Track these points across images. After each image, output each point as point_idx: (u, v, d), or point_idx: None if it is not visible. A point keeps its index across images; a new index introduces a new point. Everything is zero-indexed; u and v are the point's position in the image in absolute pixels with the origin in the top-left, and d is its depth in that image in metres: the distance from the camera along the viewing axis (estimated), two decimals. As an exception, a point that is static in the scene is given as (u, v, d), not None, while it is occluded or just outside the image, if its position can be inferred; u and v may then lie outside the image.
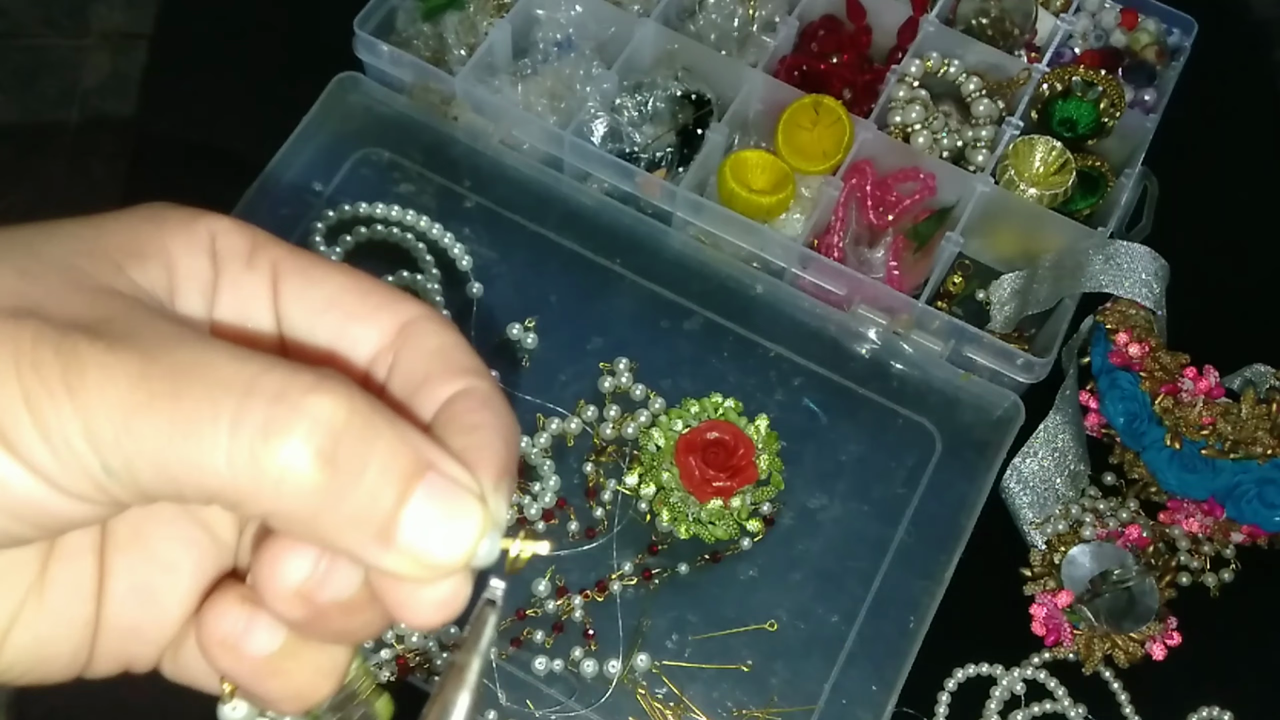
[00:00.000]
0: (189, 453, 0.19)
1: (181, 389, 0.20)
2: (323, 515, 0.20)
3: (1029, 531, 0.65)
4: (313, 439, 0.20)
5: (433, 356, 0.24)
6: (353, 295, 0.24)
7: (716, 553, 0.63)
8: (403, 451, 0.21)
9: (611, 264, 0.71)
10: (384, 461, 0.20)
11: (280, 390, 0.20)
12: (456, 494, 0.21)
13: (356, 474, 0.20)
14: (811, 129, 0.71)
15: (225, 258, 0.24)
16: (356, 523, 0.20)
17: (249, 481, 0.20)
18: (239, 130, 0.76)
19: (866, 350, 0.69)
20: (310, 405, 0.20)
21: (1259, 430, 0.64)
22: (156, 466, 0.20)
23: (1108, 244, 0.67)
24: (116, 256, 0.22)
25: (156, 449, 0.20)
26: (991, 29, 0.77)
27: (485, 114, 0.72)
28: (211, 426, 0.19)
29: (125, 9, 1.59)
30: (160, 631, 0.25)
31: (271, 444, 0.19)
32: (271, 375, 0.20)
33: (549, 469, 0.63)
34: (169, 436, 0.19)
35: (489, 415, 0.23)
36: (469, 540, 0.21)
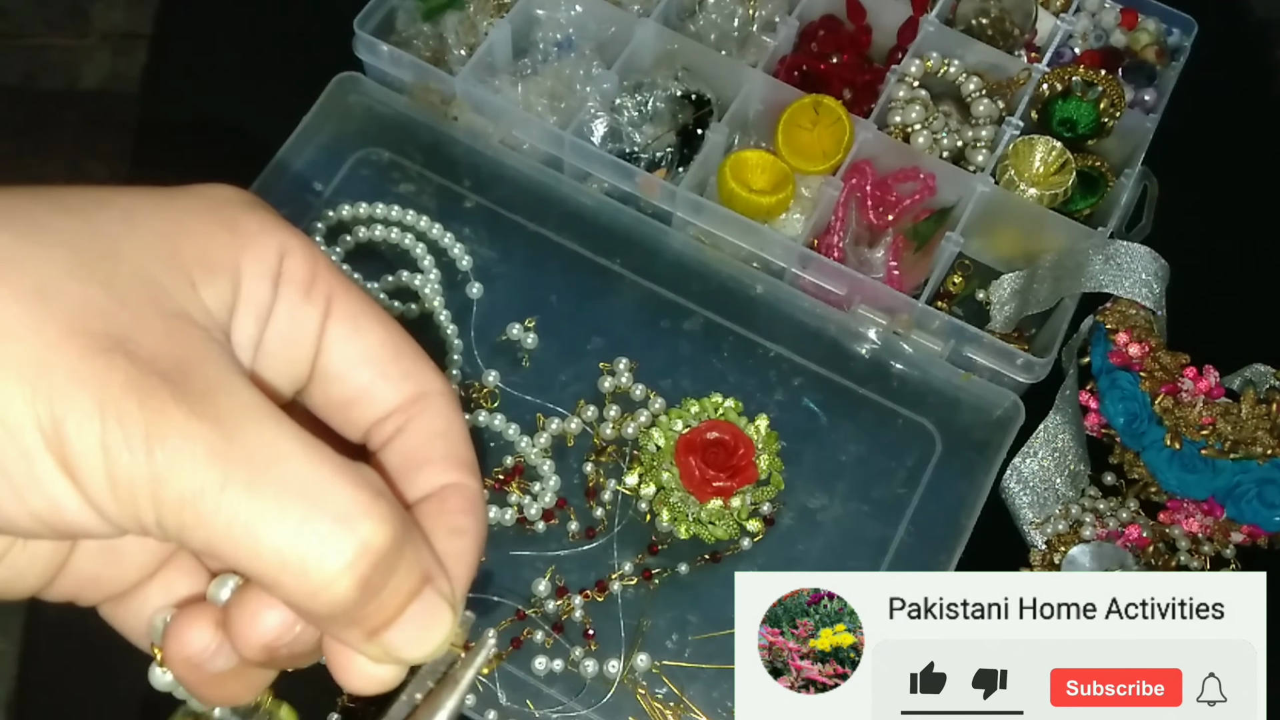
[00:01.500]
0: (244, 541, 0.21)
1: (256, 482, 0.21)
2: (339, 617, 0.22)
3: (1029, 531, 0.65)
4: (358, 566, 0.21)
5: (437, 440, 0.26)
6: (388, 354, 0.26)
7: (716, 553, 0.63)
8: (415, 572, 0.23)
9: (611, 264, 0.71)
10: (399, 581, 0.22)
11: (343, 511, 0.21)
12: (439, 610, 0.23)
13: (377, 593, 0.22)
14: (811, 129, 0.71)
15: (287, 283, 0.25)
16: (360, 624, 0.22)
17: (290, 580, 0.21)
18: (238, 130, 0.76)
19: (866, 350, 0.69)
20: (366, 532, 0.21)
21: (1259, 430, 0.64)
22: (208, 539, 0.21)
23: (1108, 244, 0.67)
24: (192, 269, 0.23)
25: (215, 528, 0.21)
26: (991, 29, 0.77)
27: (485, 114, 0.72)
28: (275, 528, 0.21)
29: (125, 9, 1.59)
30: (114, 585, 0.27)
31: (324, 561, 0.21)
32: (336, 489, 0.21)
33: (549, 469, 0.63)
34: (230, 523, 0.21)
35: (473, 522, 0.25)
36: (435, 645, 0.23)
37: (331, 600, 0.21)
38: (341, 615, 0.22)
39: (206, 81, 0.79)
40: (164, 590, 0.27)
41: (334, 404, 0.26)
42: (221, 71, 0.79)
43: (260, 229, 0.25)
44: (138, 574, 0.27)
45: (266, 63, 0.79)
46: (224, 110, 0.77)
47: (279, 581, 0.21)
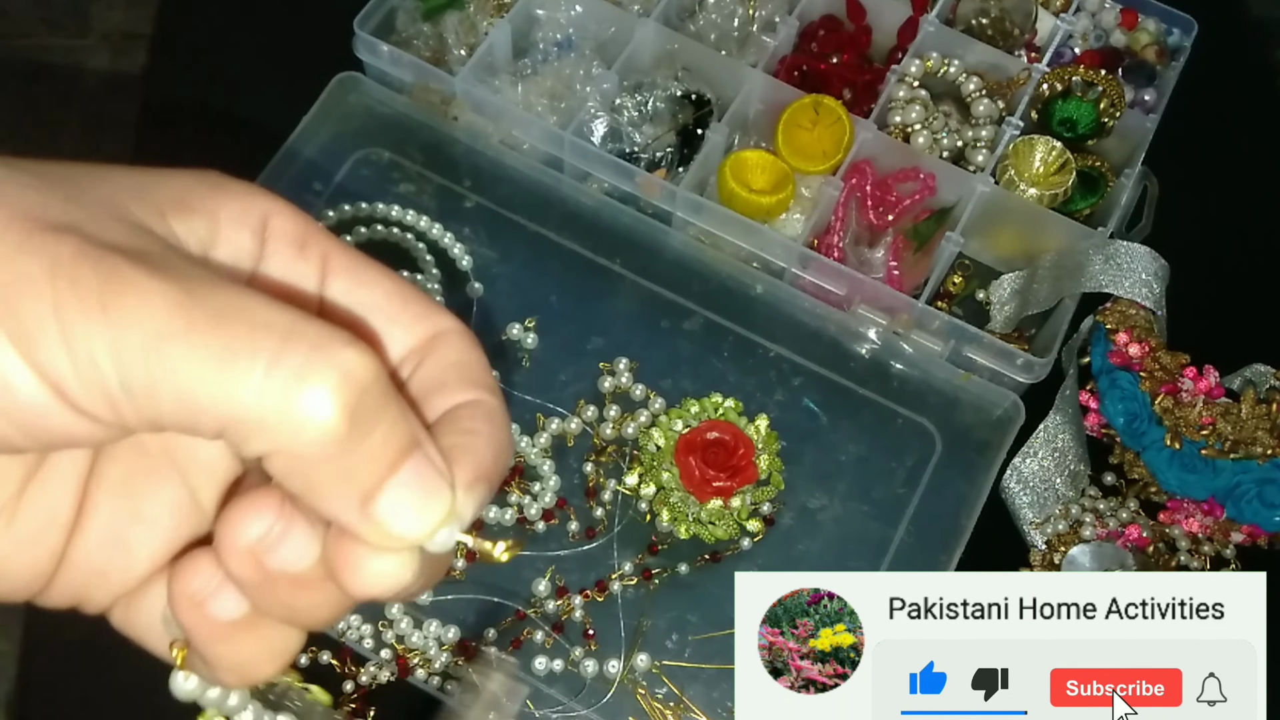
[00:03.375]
0: (220, 382, 0.20)
1: (223, 322, 0.20)
2: (325, 465, 0.21)
3: (1029, 531, 0.65)
4: (342, 391, 0.20)
5: (452, 367, 0.25)
6: (398, 301, 0.25)
7: (716, 553, 0.63)
8: (403, 426, 0.22)
9: (611, 264, 0.71)
10: (388, 430, 0.21)
11: (319, 340, 0.20)
12: (433, 478, 0.22)
13: (366, 434, 0.21)
14: (811, 129, 0.71)
15: (277, 240, 0.25)
16: (348, 481, 0.21)
17: (274, 418, 0.20)
18: (239, 130, 0.76)
19: (866, 350, 0.69)
20: (346, 359, 0.20)
21: (1259, 430, 0.64)
22: (180, 391, 0.20)
23: (1108, 244, 0.67)
24: (163, 206, 0.23)
25: (185, 374, 0.20)
26: (991, 29, 0.77)
27: (485, 114, 0.72)
28: (249, 361, 0.20)
29: (125, 9, 1.59)
30: (122, 581, 0.26)
31: (306, 386, 0.20)
32: (311, 324, 0.21)
33: (549, 469, 0.63)
34: (202, 363, 0.20)
35: (486, 426, 0.24)
36: (431, 523, 0.22)
37: (320, 432, 0.20)
38: (331, 461, 0.21)
39: (206, 82, 0.79)
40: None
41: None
42: (221, 72, 0.79)
43: (246, 190, 0.25)
44: (146, 564, 0.26)
45: (266, 63, 0.79)
46: (224, 110, 0.77)
47: (262, 423, 0.20)
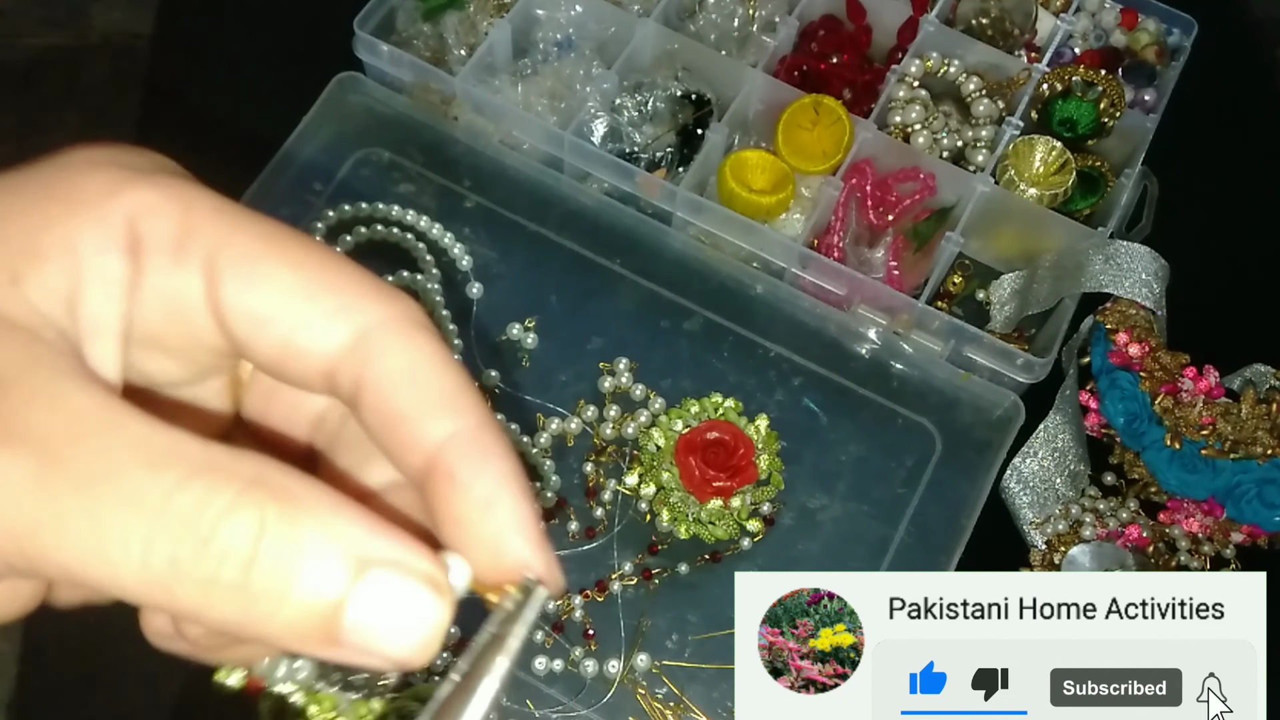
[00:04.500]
0: (99, 571, 0.18)
1: (88, 506, 0.18)
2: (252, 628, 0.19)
3: (1029, 531, 0.65)
4: (224, 568, 0.18)
5: (403, 385, 0.21)
6: (300, 299, 0.21)
7: (716, 553, 0.63)
8: (333, 556, 0.19)
9: (611, 264, 0.71)
10: (312, 572, 0.19)
11: (193, 516, 0.18)
12: (405, 586, 0.19)
13: (281, 592, 0.19)
14: (811, 129, 0.71)
15: (149, 248, 0.21)
16: (294, 633, 0.19)
17: (166, 604, 0.19)
18: (238, 130, 0.76)
19: (866, 350, 0.69)
20: (221, 534, 0.18)
21: (1259, 430, 0.64)
22: (63, 572, 0.19)
23: (1108, 244, 0.67)
24: (13, 260, 0.20)
25: (63, 561, 0.18)
26: (991, 29, 0.77)
27: (485, 114, 0.72)
28: (122, 551, 0.18)
29: (125, 9, 1.59)
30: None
31: (182, 575, 0.18)
32: (185, 494, 0.18)
33: (549, 469, 0.63)
34: (76, 552, 0.18)
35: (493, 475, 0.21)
36: (429, 631, 0.19)
37: (223, 615, 0.19)
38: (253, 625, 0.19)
39: (206, 82, 0.79)
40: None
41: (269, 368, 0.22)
42: (221, 72, 0.79)
43: (104, 192, 0.21)
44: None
45: (266, 63, 0.79)
46: (224, 110, 0.77)
47: (160, 608, 0.19)
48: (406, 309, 0.22)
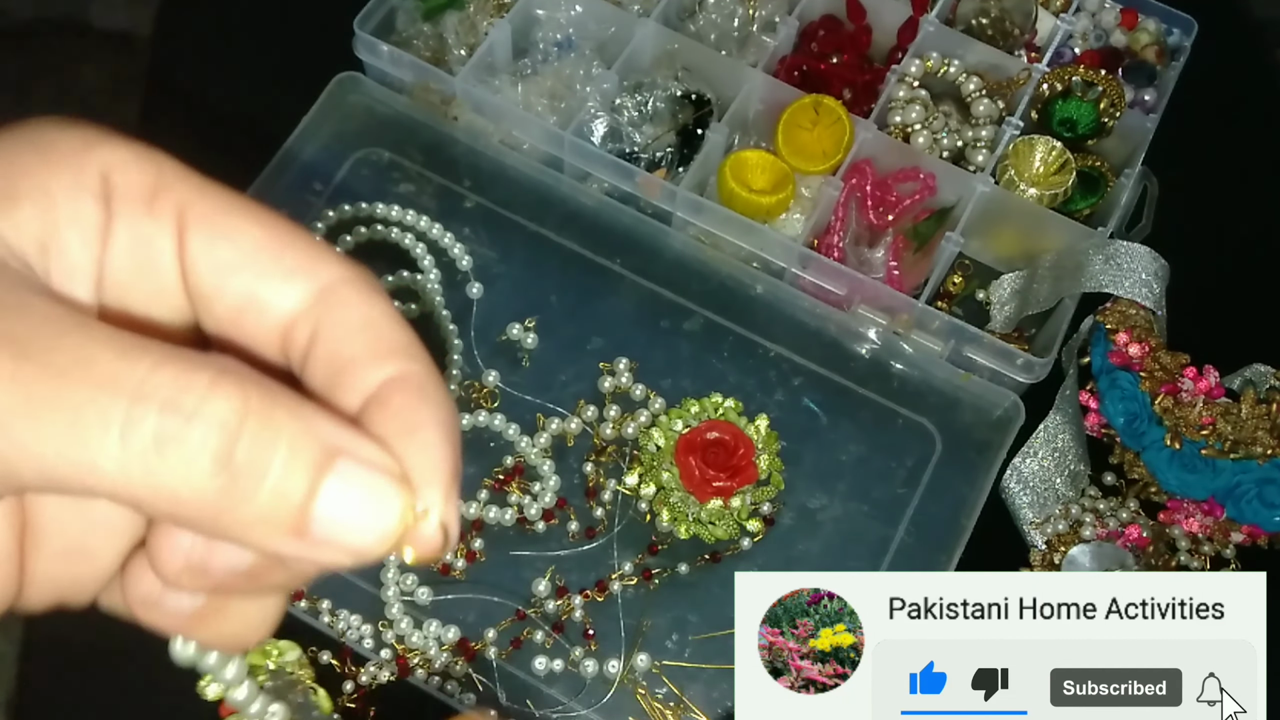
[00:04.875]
0: (76, 459, 0.18)
1: (63, 391, 0.18)
2: (226, 517, 0.19)
3: (1029, 531, 0.65)
4: (208, 446, 0.18)
5: (356, 332, 0.22)
6: (266, 254, 0.22)
7: (716, 553, 0.63)
8: (307, 443, 0.19)
9: (611, 264, 0.71)
10: (288, 457, 0.19)
11: (172, 394, 0.18)
12: (371, 478, 0.20)
13: (259, 475, 0.19)
14: (811, 129, 0.71)
15: (122, 197, 0.22)
16: (265, 521, 0.19)
17: (144, 489, 0.18)
18: (238, 130, 0.76)
19: (866, 350, 0.69)
20: (205, 410, 0.18)
21: (1259, 430, 0.64)
22: (39, 469, 0.18)
23: (1108, 244, 0.67)
24: None
25: (38, 451, 0.18)
26: (991, 29, 0.77)
27: (485, 114, 0.72)
28: (100, 434, 0.18)
29: (125, 9, 1.59)
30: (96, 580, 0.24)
31: (166, 454, 0.18)
32: (162, 375, 0.19)
33: (549, 469, 0.63)
34: (52, 442, 0.18)
35: (426, 410, 0.21)
36: (390, 524, 0.20)
37: (197, 494, 0.18)
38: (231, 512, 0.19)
39: (206, 82, 0.79)
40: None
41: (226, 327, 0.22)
42: (221, 72, 0.79)
43: (78, 147, 0.21)
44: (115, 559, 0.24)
45: (266, 63, 0.79)
46: (224, 110, 0.77)
47: (135, 495, 0.19)
48: (363, 271, 0.22)
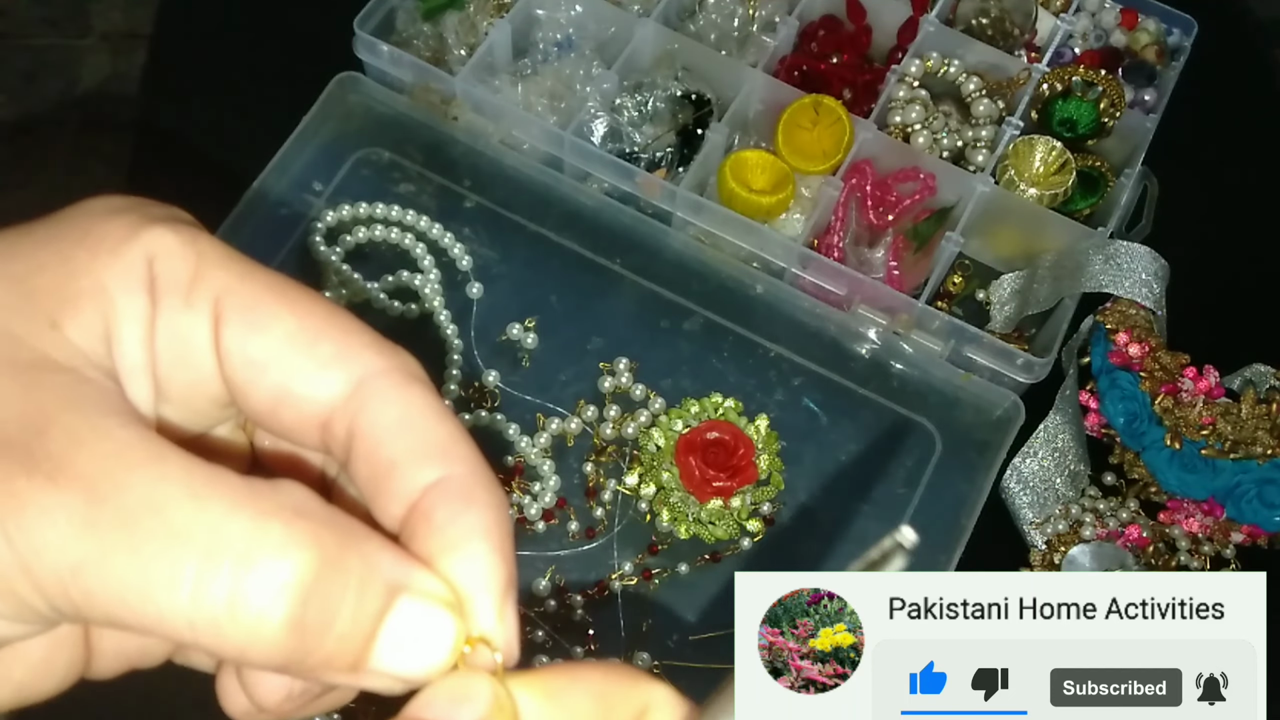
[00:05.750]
0: (148, 611, 0.18)
1: (135, 538, 0.18)
2: (291, 665, 0.19)
3: (1029, 531, 0.65)
4: (280, 608, 0.18)
5: (396, 432, 0.21)
6: (300, 346, 0.22)
7: (716, 553, 0.63)
8: (373, 588, 0.19)
9: (611, 264, 0.71)
10: (355, 606, 0.19)
11: (245, 550, 0.18)
12: (427, 614, 0.20)
13: (327, 628, 0.19)
14: (811, 129, 0.71)
15: (163, 289, 0.21)
16: (327, 665, 0.19)
17: (212, 641, 0.19)
18: (239, 130, 0.76)
19: (866, 350, 0.69)
20: (278, 569, 0.18)
21: (1259, 430, 0.64)
22: (106, 616, 0.19)
23: (1108, 244, 0.67)
24: (50, 306, 0.21)
25: (110, 603, 0.18)
26: (991, 29, 0.77)
27: (485, 114, 0.72)
28: (168, 592, 0.18)
29: (125, 9, 1.59)
30: (163, 649, 0.25)
31: (237, 615, 0.18)
32: (234, 525, 0.18)
33: (549, 469, 0.63)
34: (123, 593, 0.18)
35: (472, 518, 0.21)
36: (442, 656, 0.20)
37: (269, 652, 0.18)
38: (296, 662, 0.19)
39: (206, 81, 0.79)
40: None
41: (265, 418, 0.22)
42: (221, 71, 0.79)
43: (123, 236, 0.21)
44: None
45: (267, 63, 0.79)
46: (224, 110, 0.77)
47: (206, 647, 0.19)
48: (403, 361, 0.22)
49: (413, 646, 0.20)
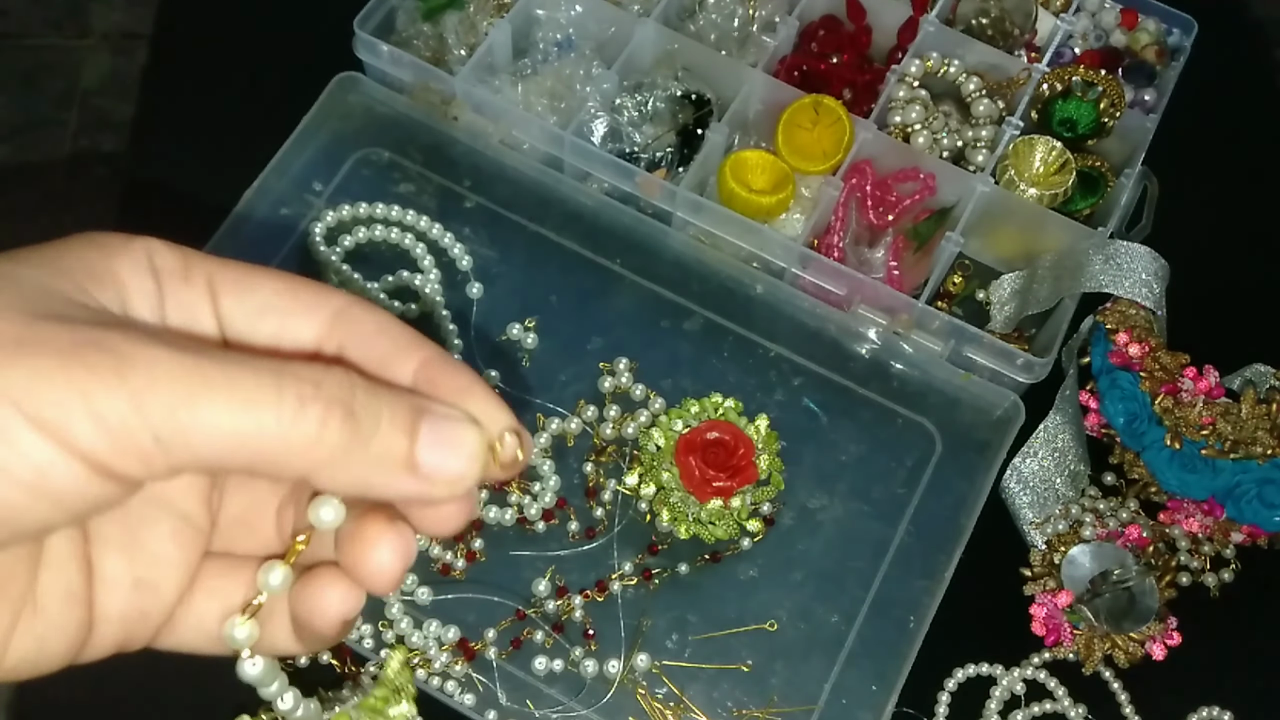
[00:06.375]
0: (247, 424, 0.23)
1: (232, 376, 0.23)
2: (355, 459, 0.24)
3: (1029, 531, 0.65)
4: (336, 403, 0.24)
5: (376, 338, 0.27)
6: (285, 296, 0.27)
7: (716, 553, 0.63)
8: (402, 404, 0.25)
9: (611, 264, 0.71)
10: (391, 413, 0.25)
11: (303, 372, 0.24)
12: (453, 424, 0.26)
13: (373, 424, 0.25)
14: (811, 129, 0.71)
15: (163, 274, 0.27)
16: (385, 459, 0.25)
17: (298, 442, 0.24)
18: (239, 130, 0.76)
19: (866, 350, 0.69)
20: (329, 380, 0.24)
21: (1259, 430, 0.64)
22: (213, 437, 0.23)
23: (1108, 244, 0.67)
24: (79, 279, 0.25)
25: (215, 422, 0.23)
26: (991, 29, 0.77)
27: (485, 114, 0.72)
28: (262, 402, 0.23)
29: (125, 9, 1.59)
30: (160, 613, 0.28)
31: (308, 410, 0.24)
32: (294, 364, 0.24)
33: (549, 469, 0.63)
34: (228, 411, 0.23)
35: (463, 376, 0.27)
36: (475, 455, 0.26)
37: (333, 439, 0.24)
38: (358, 454, 0.24)
39: (206, 82, 0.79)
40: (211, 597, 0.29)
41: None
42: (221, 72, 0.79)
43: (124, 240, 0.27)
44: (174, 594, 0.28)
45: (266, 63, 0.79)
46: (224, 110, 0.77)
47: (289, 449, 0.23)
48: (359, 297, 0.29)
49: (448, 446, 0.25)
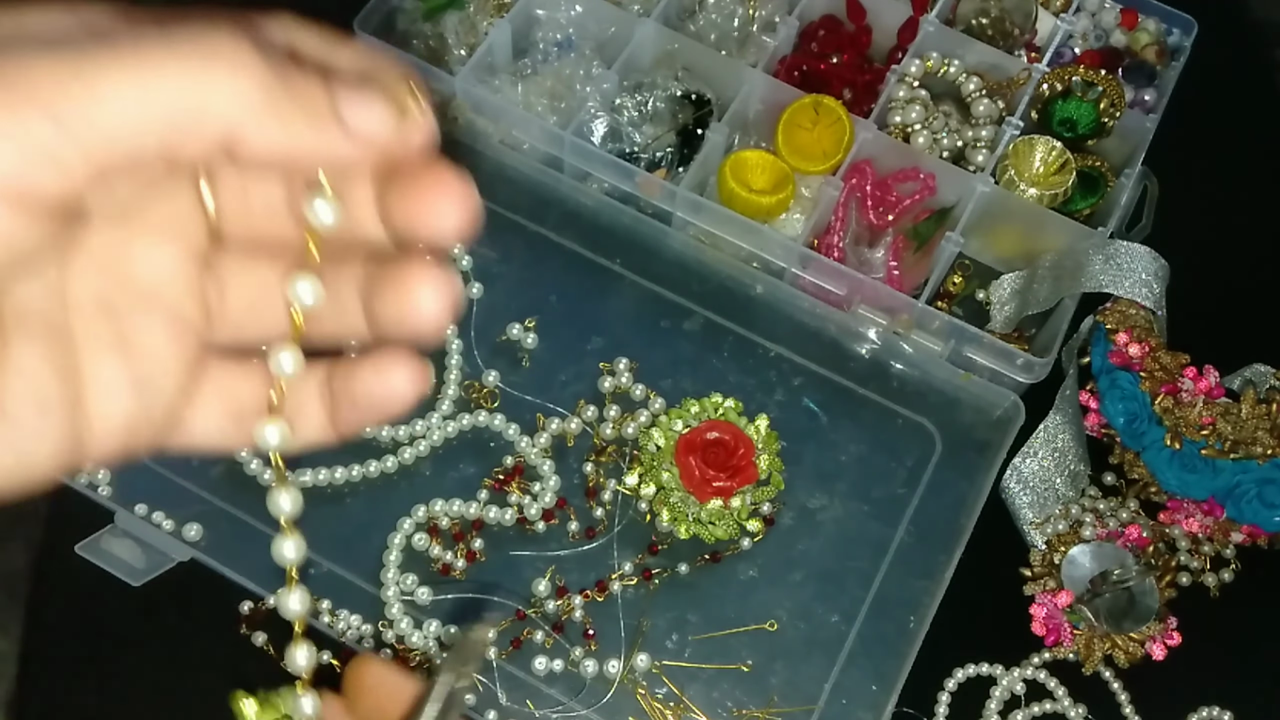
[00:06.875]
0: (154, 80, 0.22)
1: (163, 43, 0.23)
2: (281, 107, 0.24)
3: (1029, 531, 0.65)
4: (260, 57, 0.24)
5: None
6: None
7: (716, 553, 0.63)
8: (310, 69, 0.26)
9: (611, 264, 0.71)
10: (304, 73, 0.25)
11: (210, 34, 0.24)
12: (362, 85, 0.27)
13: (290, 74, 0.25)
14: (811, 129, 0.71)
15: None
16: (311, 109, 0.25)
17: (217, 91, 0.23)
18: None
19: (866, 350, 0.69)
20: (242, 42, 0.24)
21: (1259, 430, 0.64)
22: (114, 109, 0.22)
23: (1108, 244, 0.67)
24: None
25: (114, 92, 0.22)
26: (991, 29, 0.77)
27: (485, 114, 0.72)
28: (167, 61, 0.23)
29: (125, 9, 1.59)
30: (164, 415, 0.27)
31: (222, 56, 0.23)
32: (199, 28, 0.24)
33: (549, 469, 0.63)
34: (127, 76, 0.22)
35: (351, 53, 0.28)
36: (384, 109, 0.26)
37: (262, 83, 0.24)
38: (288, 104, 0.24)
39: (206, 81, 0.79)
40: (220, 396, 0.27)
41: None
42: (221, 71, 0.79)
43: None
44: (176, 387, 0.27)
45: (266, 63, 0.79)
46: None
47: (203, 103, 0.23)
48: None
49: (363, 107, 0.26)
